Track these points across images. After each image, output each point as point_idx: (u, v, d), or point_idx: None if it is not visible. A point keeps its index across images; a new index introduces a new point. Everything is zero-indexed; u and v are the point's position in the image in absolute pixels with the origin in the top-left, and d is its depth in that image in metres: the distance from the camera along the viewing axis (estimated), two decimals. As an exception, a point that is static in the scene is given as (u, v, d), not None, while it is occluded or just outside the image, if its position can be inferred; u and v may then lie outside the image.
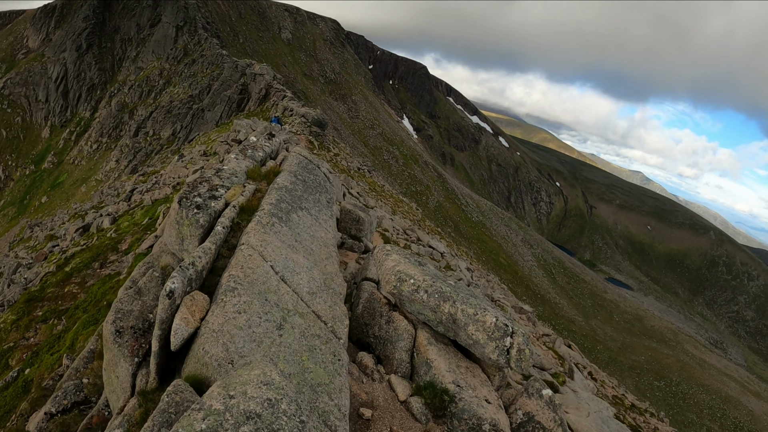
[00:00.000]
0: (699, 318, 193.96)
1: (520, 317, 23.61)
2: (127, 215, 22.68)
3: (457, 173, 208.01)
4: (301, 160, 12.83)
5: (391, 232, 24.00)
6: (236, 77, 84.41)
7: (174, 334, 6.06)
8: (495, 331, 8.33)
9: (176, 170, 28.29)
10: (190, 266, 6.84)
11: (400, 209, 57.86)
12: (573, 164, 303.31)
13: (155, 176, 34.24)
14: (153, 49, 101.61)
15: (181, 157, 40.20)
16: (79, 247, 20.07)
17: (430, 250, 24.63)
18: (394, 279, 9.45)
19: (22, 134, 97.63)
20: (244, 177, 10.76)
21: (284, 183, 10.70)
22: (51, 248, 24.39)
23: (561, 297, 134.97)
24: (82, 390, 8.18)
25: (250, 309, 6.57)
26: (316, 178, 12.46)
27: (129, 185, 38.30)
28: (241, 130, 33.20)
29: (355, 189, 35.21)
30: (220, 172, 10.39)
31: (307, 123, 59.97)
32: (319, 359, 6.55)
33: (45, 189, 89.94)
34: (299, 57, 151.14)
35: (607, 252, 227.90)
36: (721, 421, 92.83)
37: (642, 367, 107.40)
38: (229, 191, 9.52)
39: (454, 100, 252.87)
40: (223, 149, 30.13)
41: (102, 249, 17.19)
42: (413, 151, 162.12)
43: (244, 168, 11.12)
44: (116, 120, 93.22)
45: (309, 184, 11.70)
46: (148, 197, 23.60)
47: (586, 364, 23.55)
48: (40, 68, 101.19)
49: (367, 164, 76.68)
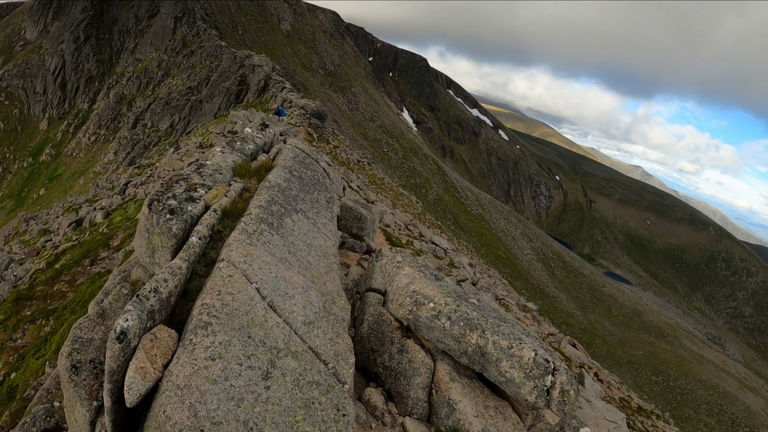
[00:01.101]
0: (697, 313, 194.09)
1: (525, 315, 23.29)
2: (120, 209, 22.37)
3: (456, 166, 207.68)
4: (297, 154, 11.59)
5: (393, 227, 23.47)
6: (235, 68, 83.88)
7: (128, 389, 4.58)
8: (534, 368, 6.80)
9: (171, 163, 27.84)
10: (152, 294, 5.36)
11: (400, 202, 57.60)
12: (573, 158, 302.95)
13: (150, 169, 33.74)
14: (151, 41, 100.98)
15: (176, 149, 39.68)
16: (71, 242, 19.80)
17: (433, 246, 24.12)
18: (409, 302, 7.89)
19: (20, 126, 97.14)
20: (230, 174, 9.51)
21: (277, 180, 9.34)
22: (44, 243, 24.07)
23: (560, 291, 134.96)
24: (53, 415, 7.02)
25: (227, 353, 5.02)
26: (315, 174, 11.07)
27: (124, 178, 37.94)
28: (237, 122, 32.37)
29: (355, 182, 34.58)
30: (201, 168, 9.01)
31: (306, 115, 59.50)
32: (318, 418, 5.01)
33: (43, 181, 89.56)
34: (299, 49, 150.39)
35: (606, 246, 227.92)
36: (719, 417, 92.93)
37: (640, 361, 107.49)
38: (211, 192, 8.16)
39: (454, 92, 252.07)
40: (219, 141, 29.66)
41: (93, 245, 16.91)
42: (413, 144, 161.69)
43: (230, 163, 9.89)
44: (114, 112, 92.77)
45: (306, 181, 10.34)
46: (142, 191, 23.23)
47: (591, 364, 23.32)
48: (37, 60, 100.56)
49: (366, 157, 76.33)
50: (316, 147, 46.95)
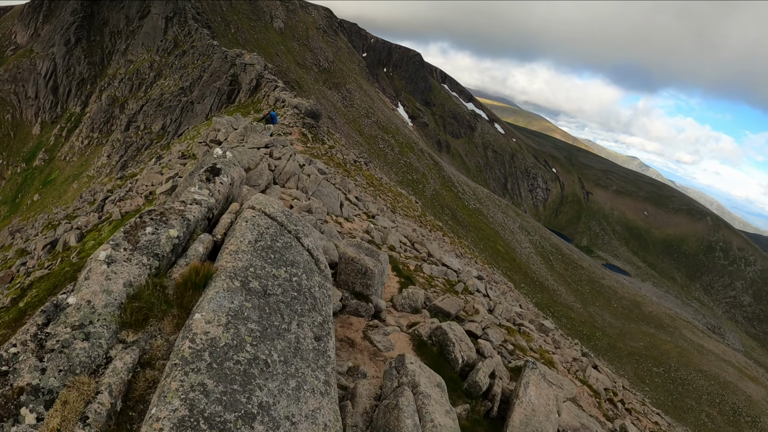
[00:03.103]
0: (696, 303, 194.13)
1: (545, 340, 22.47)
2: (94, 231, 21.56)
3: (453, 160, 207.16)
4: (263, 232, 6.98)
5: (399, 248, 21.87)
6: (226, 68, 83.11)
7: None
8: None
9: (150, 176, 26.36)
10: None
11: (399, 204, 57.04)
12: (569, 150, 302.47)
13: (131, 181, 32.70)
14: (143, 42, 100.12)
15: (158, 159, 38.34)
16: (41, 269, 19.09)
17: (445, 269, 22.34)
18: None
19: (12, 132, 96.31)
20: (113, 324, 4.98)
21: (211, 329, 4.90)
22: (19, 266, 23.29)
23: (559, 284, 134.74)
24: None
25: None
26: (293, 274, 6.57)
27: (106, 189, 36.83)
28: (221, 129, 28.93)
29: (353, 192, 32.48)
30: (51, 326, 4.71)
31: (299, 114, 58.62)
32: None
33: (37, 187, 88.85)
34: (292, 46, 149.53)
35: (604, 238, 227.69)
36: (720, 407, 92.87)
37: (640, 353, 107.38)
38: (51, 410, 4.01)
39: (449, 87, 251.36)
40: (201, 151, 27.26)
41: (60, 279, 16.24)
42: (409, 139, 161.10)
43: (117, 294, 5.20)
44: (107, 114, 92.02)
45: (275, 300, 5.87)
46: (117, 210, 22.28)
47: (617, 389, 22.67)
48: (28, 64, 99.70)
49: (363, 156, 75.60)
50: (311, 148, 46.25)
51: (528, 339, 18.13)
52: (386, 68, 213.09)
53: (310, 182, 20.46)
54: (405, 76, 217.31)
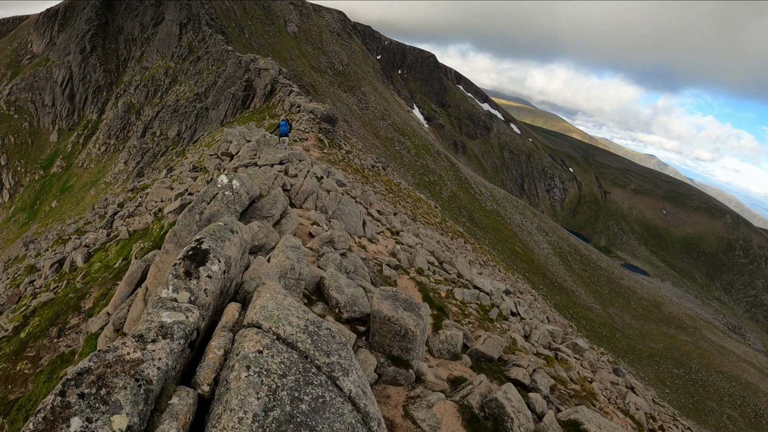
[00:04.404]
0: (716, 303, 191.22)
1: (580, 361, 21.95)
2: (102, 251, 21.32)
3: (469, 161, 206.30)
4: (277, 383, 4.28)
5: (427, 272, 20.64)
6: (240, 73, 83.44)
7: None
8: None
9: (159, 192, 25.57)
10: None
11: (420, 211, 56.68)
12: (586, 149, 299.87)
13: (142, 194, 32.26)
14: (157, 48, 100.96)
15: (169, 171, 37.99)
16: (46, 293, 18.88)
17: (477, 292, 21.25)
18: None
19: (30, 139, 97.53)
20: None
21: None
22: (27, 285, 23.10)
23: (578, 285, 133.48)
24: None
25: None
26: None
27: (117, 201, 36.56)
28: (233, 141, 26.49)
29: (375, 205, 31.03)
30: None
31: (315, 119, 58.34)
32: None
33: (54, 193, 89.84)
34: (306, 50, 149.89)
35: (622, 237, 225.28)
36: (741, 409, 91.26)
37: (661, 354, 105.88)
38: None
39: (464, 87, 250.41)
40: (212, 165, 26.11)
41: (63, 306, 15.97)
42: (425, 141, 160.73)
43: None
44: (123, 121, 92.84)
45: None
46: (126, 229, 21.91)
47: (655, 414, 22.21)
48: (45, 73, 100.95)
49: (381, 160, 74.95)
50: (328, 154, 45.98)
51: (567, 367, 17.87)
52: (401, 70, 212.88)
53: (330, 200, 19.50)
54: (420, 77, 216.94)
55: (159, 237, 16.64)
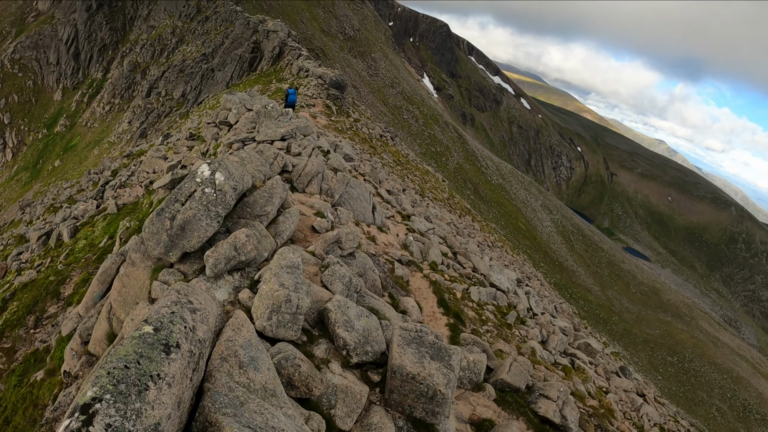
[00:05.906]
0: (714, 294, 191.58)
1: (594, 368, 21.54)
2: (89, 225, 20.68)
3: (477, 134, 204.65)
4: None
5: (441, 266, 19.56)
6: (248, 35, 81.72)
7: None
8: None
9: (152, 162, 24.04)
10: None
11: (428, 185, 55.89)
12: (595, 129, 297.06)
13: (136, 162, 31.12)
14: (165, 7, 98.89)
15: (165, 138, 36.91)
16: (28, 272, 18.29)
17: (494, 291, 19.99)
18: None
19: (34, 98, 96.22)
20: None
21: None
22: (15, 257, 22.68)
23: (578, 265, 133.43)
24: None
25: None
26: None
27: (113, 167, 35.61)
28: (232, 109, 24.15)
29: (384, 185, 29.36)
30: None
31: (324, 85, 57.01)
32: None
33: (58, 153, 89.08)
34: (317, 13, 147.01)
35: (626, 221, 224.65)
36: (731, 402, 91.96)
37: (656, 341, 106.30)
38: None
39: (476, 59, 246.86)
40: (210, 134, 24.35)
41: (43, 291, 15.50)
42: (433, 111, 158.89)
43: None
44: (128, 80, 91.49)
45: None
46: (114, 202, 21.00)
47: (664, 426, 22.04)
48: (50, 30, 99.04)
49: (389, 130, 73.20)
50: (335, 122, 45.02)
51: (584, 378, 17.68)
52: (412, 38, 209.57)
53: (337, 182, 17.34)
54: (431, 46, 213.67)
55: (146, 214, 16.04)
